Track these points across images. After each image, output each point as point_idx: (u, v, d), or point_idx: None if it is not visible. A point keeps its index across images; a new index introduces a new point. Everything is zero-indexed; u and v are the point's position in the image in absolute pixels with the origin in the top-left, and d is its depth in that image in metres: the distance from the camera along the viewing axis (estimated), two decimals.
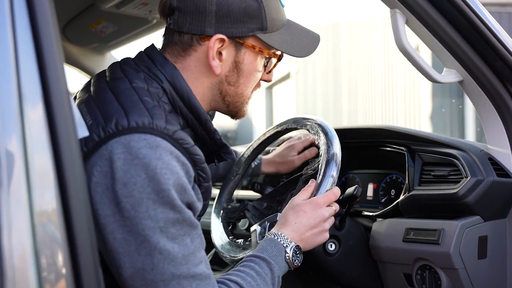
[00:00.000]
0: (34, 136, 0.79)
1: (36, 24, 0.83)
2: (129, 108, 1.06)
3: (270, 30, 1.21)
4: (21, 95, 0.79)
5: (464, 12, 1.38)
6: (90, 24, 2.28)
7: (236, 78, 1.22)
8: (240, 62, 1.21)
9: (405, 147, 1.68)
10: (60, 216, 0.79)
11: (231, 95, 1.24)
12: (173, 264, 1.03)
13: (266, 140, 1.81)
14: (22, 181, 0.77)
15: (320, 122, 1.60)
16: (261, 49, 1.21)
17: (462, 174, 1.48)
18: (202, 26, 1.16)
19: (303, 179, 1.61)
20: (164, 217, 1.02)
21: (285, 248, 1.27)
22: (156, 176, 1.01)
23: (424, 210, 1.55)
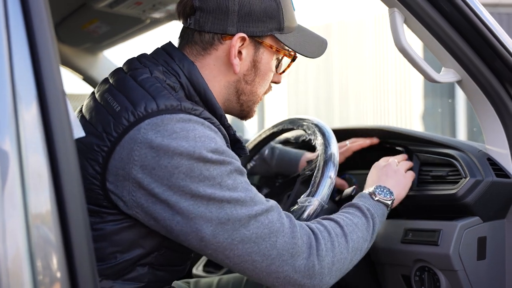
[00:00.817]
0: (29, 137, 0.77)
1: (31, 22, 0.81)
2: (156, 93, 1.09)
3: (286, 31, 1.24)
4: (16, 95, 0.77)
5: (463, 11, 1.37)
6: (83, 24, 2.25)
7: (253, 77, 1.25)
8: (258, 61, 1.24)
9: (402, 147, 1.66)
10: (56, 218, 0.77)
11: (247, 93, 1.27)
12: (245, 208, 1.06)
13: (262, 141, 1.79)
14: (16, 183, 0.75)
15: (317, 123, 1.58)
16: (278, 49, 1.24)
17: (460, 175, 1.46)
18: (225, 25, 1.18)
19: (300, 179, 1.59)
20: (219, 173, 1.05)
21: (369, 191, 1.35)
22: (198, 142, 1.04)
23: (422, 211, 1.54)
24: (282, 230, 1.09)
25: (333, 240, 1.15)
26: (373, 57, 10.34)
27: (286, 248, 1.08)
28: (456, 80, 1.48)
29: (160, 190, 1.03)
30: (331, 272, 1.14)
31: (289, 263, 1.09)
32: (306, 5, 14.49)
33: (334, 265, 1.14)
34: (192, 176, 1.03)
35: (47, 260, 0.76)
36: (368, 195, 1.33)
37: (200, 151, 1.04)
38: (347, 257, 1.17)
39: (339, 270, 1.16)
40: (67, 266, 0.77)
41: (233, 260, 1.07)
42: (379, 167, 1.45)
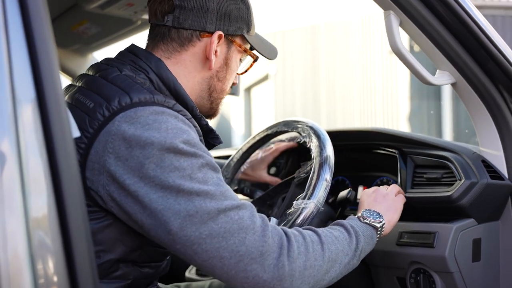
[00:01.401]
0: (28, 139, 0.76)
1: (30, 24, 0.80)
2: (129, 88, 1.11)
3: (251, 32, 1.32)
4: (15, 98, 0.76)
5: (457, 13, 1.38)
6: (72, 25, 2.23)
7: (224, 74, 1.30)
8: (229, 59, 1.30)
9: (396, 149, 1.67)
10: (56, 221, 0.77)
11: (218, 90, 1.31)
12: (215, 200, 1.06)
13: (255, 143, 1.79)
14: (16, 186, 0.74)
15: (312, 125, 1.58)
16: (245, 49, 1.31)
17: (455, 177, 1.47)
18: (204, 22, 1.23)
19: (295, 182, 1.59)
20: (190, 164, 1.06)
21: (358, 215, 1.34)
22: (170, 133, 1.06)
23: (417, 213, 1.54)
24: (252, 228, 1.07)
25: (308, 245, 1.14)
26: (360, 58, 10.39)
27: (256, 245, 1.06)
28: (450, 83, 1.49)
29: (131, 181, 1.04)
30: (303, 277, 1.11)
31: (258, 262, 1.06)
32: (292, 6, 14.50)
33: (306, 269, 1.11)
34: (162, 167, 1.04)
35: (48, 264, 0.75)
36: (356, 218, 1.33)
37: (171, 141, 1.05)
38: (322, 266, 1.14)
39: (313, 277, 1.13)
40: (67, 269, 0.77)
41: (202, 256, 1.05)
42: (368, 194, 1.45)
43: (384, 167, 1.78)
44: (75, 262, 0.77)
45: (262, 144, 1.79)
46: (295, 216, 1.37)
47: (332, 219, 1.61)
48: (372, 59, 10.03)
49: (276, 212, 1.66)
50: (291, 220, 1.37)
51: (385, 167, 1.78)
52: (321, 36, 11.55)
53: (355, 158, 1.89)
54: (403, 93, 9.26)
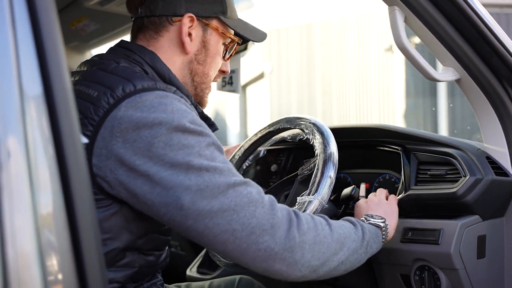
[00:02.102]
0: (36, 135, 0.75)
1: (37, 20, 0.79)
2: (131, 77, 1.14)
3: (229, 16, 1.33)
4: (23, 93, 0.75)
5: (462, 8, 1.37)
6: (71, 21, 2.22)
7: (204, 57, 1.32)
8: (207, 42, 1.32)
9: (399, 146, 1.66)
10: (64, 218, 0.76)
11: (200, 74, 1.33)
12: (223, 176, 1.08)
13: (258, 141, 1.78)
14: (24, 182, 0.73)
15: (315, 122, 1.58)
16: (223, 31, 1.33)
17: (460, 173, 1.47)
18: (173, 7, 1.27)
19: (299, 179, 1.58)
20: (197, 142, 1.08)
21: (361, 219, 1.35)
22: (176, 114, 1.08)
23: (421, 210, 1.54)
24: (261, 202, 1.10)
25: (316, 223, 1.16)
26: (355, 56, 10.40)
27: (266, 217, 1.08)
28: (455, 79, 1.49)
29: (140, 162, 1.06)
30: (313, 251, 1.12)
31: (269, 233, 1.08)
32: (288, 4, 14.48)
33: (316, 244, 1.13)
34: (171, 145, 1.06)
35: (56, 260, 0.75)
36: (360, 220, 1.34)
37: (178, 120, 1.08)
38: (331, 244, 1.16)
39: (323, 254, 1.14)
40: (76, 266, 0.76)
41: (214, 231, 1.06)
42: (361, 206, 1.45)
43: (387, 164, 1.78)
44: (83, 258, 0.77)
45: (265, 141, 1.78)
46: None
47: (336, 216, 1.60)
48: (368, 57, 10.04)
49: None
50: None
51: (388, 164, 1.77)
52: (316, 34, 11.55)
53: (358, 155, 1.88)
54: (399, 90, 9.28)
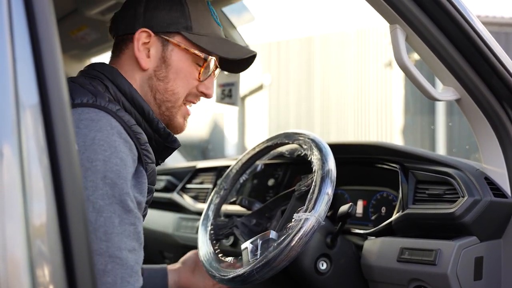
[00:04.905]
0: (31, 144, 0.75)
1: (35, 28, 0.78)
2: (72, 91, 1.12)
3: (196, 31, 1.29)
4: (18, 102, 0.75)
5: (463, 28, 1.37)
6: (71, 30, 2.22)
7: (165, 73, 1.28)
8: (168, 57, 1.28)
9: (398, 164, 1.65)
10: (57, 229, 0.75)
11: (161, 91, 1.29)
12: (91, 236, 1.00)
13: (255, 155, 1.77)
14: (17, 192, 0.72)
15: (314, 137, 1.57)
16: (186, 47, 1.28)
17: (458, 194, 1.46)
18: (132, 24, 1.28)
19: (296, 195, 1.57)
20: (93, 186, 1.02)
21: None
22: (93, 146, 1.04)
23: (418, 229, 1.53)
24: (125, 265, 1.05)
25: None
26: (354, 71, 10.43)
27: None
28: (455, 99, 1.48)
29: None
30: None
31: None
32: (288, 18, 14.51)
33: None
34: None
35: (48, 271, 0.74)
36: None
37: (89, 155, 1.03)
38: None
39: None
40: (67, 277, 0.75)
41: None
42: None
43: (385, 182, 1.77)
44: (75, 269, 0.76)
45: (262, 156, 1.77)
46: (296, 230, 1.35)
47: (332, 233, 1.59)
48: (367, 72, 10.07)
49: (275, 225, 1.64)
50: (292, 233, 1.35)
51: (385, 181, 1.76)
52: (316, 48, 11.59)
53: (355, 172, 1.87)
54: (398, 106, 9.29)
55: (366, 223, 1.81)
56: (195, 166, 2.52)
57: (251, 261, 1.39)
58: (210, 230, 1.67)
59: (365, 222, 1.82)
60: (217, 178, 2.31)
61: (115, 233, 1.04)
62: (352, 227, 1.77)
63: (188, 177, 2.50)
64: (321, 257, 1.57)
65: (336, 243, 1.59)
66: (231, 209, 1.94)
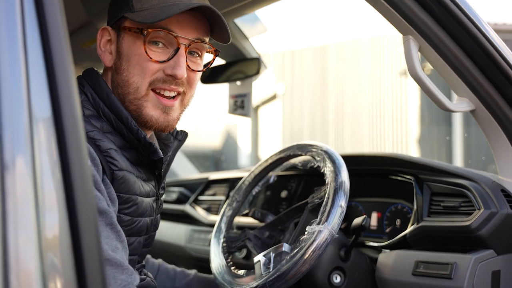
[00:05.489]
0: (43, 158, 0.76)
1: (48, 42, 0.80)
2: None
3: (138, 8, 1.21)
4: (32, 117, 0.76)
5: (476, 38, 1.37)
6: (84, 42, 2.24)
7: (120, 64, 1.24)
8: (120, 47, 1.24)
9: (413, 176, 1.65)
10: (69, 242, 0.76)
11: (120, 84, 1.23)
12: None
13: (268, 167, 1.78)
14: (30, 205, 0.73)
15: (327, 149, 1.57)
16: (130, 27, 1.21)
17: (474, 206, 1.45)
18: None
19: (309, 207, 1.57)
20: None
21: None
22: None
23: (433, 242, 1.52)
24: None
25: None
26: (369, 80, 10.41)
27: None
28: (469, 110, 1.48)
29: None
30: None
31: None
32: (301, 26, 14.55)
33: None
34: None
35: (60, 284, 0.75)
36: None
37: None
38: None
39: None
40: None
41: None
42: None
43: (400, 194, 1.76)
44: (87, 282, 0.76)
45: (275, 167, 1.78)
46: (309, 243, 1.36)
47: (346, 246, 1.59)
48: (382, 81, 10.05)
49: (288, 238, 1.64)
50: (305, 246, 1.36)
51: (400, 193, 1.76)
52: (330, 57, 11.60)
53: (370, 184, 1.87)
54: (413, 116, 9.25)
55: (380, 235, 1.81)
56: (207, 178, 2.54)
57: (264, 274, 1.39)
58: (222, 242, 1.68)
59: (380, 234, 1.82)
60: (229, 190, 2.32)
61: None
62: (366, 239, 1.77)
63: (200, 189, 2.51)
64: (335, 270, 1.57)
65: (350, 256, 1.59)
66: (243, 221, 1.95)
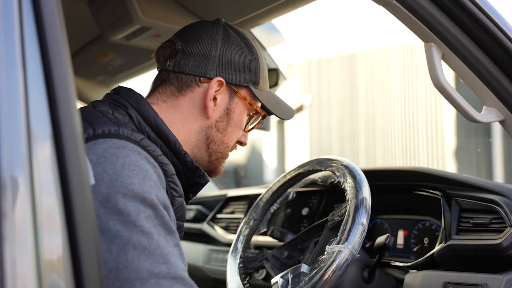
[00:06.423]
0: (43, 177, 0.77)
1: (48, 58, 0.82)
2: (94, 121, 1.13)
3: (260, 87, 1.34)
4: (30, 134, 0.78)
5: (504, 44, 1.36)
6: (97, 56, 2.29)
7: (225, 125, 1.32)
8: (232, 110, 1.32)
9: (440, 191, 1.63)
10: (69, 264, 0.77)
11: (217, 142, 1.33)
12: (149, 261, 1.00)
13: (286, 183, 1.78)
14: (28, 226, 0.74)
15: (347, 164, 1.57)
16: (251, 102, 1.33)
17: (505, 223, 1.43)
18: (205, 68, 1.28)
19: (329, 226, 1.57)
20: (136, 211, 1.02)
21: None
22: (124, 171, 1.04)
23: (462, 262, 1.50)
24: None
25: None
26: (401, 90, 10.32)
27: None
28: (498, 120, 1.46)
29: None
30: None
31: None
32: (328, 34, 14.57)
33: None
34: (106, 207, 1.01)
35: None
36: None
37: (122, 179, 1.03)
38: None
39: None
40: None
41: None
42: None
43: (427, 211, 1.75)
44: None
45: (294, 184, 1.78)
46: (328, 263, 1.35)
47: (369, 266, 1.57)
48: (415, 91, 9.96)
49: (307, 258, 1.63)
50: (324, 267, 1.35)
51: (427, 210, 1.74)
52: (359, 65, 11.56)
53: (395, 200, 1.86)
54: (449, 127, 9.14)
55: (407, 255, 1.79)
56: (226, 195, 2.55)
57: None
58: (239, 263, 1.68)
59: (407, 254, 1.80)
60: (249, 207, 2.32)
61: (170, 253, 1.03)
62: (392, 259, 1.75)
63: (218, 207, 2.52)
64: None
65: (374, 277, 1.57)
66: (262, 240, 1.95)
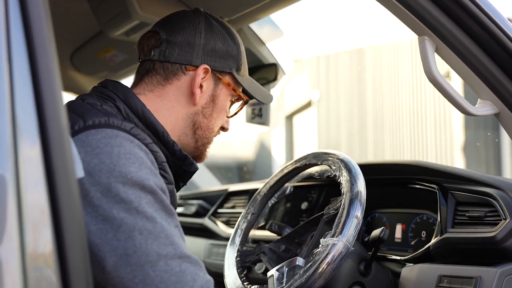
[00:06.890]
0: (28, 172, 0.77)
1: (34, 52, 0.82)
2: (84, 113, 1.14)
3: (242, 73, 1.38)
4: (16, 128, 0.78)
5: (497, 37, 1.35)
6: (98, 52, 2.30)
7: (211, 111, 1.35)
8: (217, 96, 1.36)
9: (436, 184, 1.63)
10: (55, 260, 0.77)
11: (203, 128, 1.36)
12: (156, 244, 1.03)
13: (284, 177, 1.79)
14: (14, 222, 0.75)
15: (343, 158, 1.57)
16: (234, 88, 1.37)
17: (500, 216, 1.43)
18: (190, 56, 1.31)
19: (324, 219, 1.57)
20: (137, 197, 1.05)
21: None
22: (121, 160, 1.06)
23: (458, 255, 1.50)
24: (191, 286, 1.04)
25: None
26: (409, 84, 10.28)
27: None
28: (493, 113, 1.46)
29: None
30: None
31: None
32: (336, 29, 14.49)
33: None
34: (107, 196, 1.03)
35: None
36: None
37: (120, 168, 1.05)
38: None
39: None
40: None
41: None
42: None
43: (425, 204, 1.75)
44: None
45: (291, 178, 1.79)
46: (323, 256, 1.36)
47: (366, 260, 1.58)
48: (423, 85, 9.92)
49: (305, 251, 1.64)
50: (318, 260, 1.36)
51: (424, 203, 1.74)
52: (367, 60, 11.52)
53: (393, 194, 1.86)
54: (458, 121, 9.10)
55: (405, 248, 1.79)
56: (226, 190, 2.56)
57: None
58: (236, 257, 1.69)
59: (405, 247, 1.80)
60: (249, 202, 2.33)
61: (173, 235, 1.07)
62: (390, 253, 1.75)
63: (219, 201, 2.54)
64: (354, 285, 1.56)
65: (371, 271, 1.58)
66: (260, 235, 1.96)
